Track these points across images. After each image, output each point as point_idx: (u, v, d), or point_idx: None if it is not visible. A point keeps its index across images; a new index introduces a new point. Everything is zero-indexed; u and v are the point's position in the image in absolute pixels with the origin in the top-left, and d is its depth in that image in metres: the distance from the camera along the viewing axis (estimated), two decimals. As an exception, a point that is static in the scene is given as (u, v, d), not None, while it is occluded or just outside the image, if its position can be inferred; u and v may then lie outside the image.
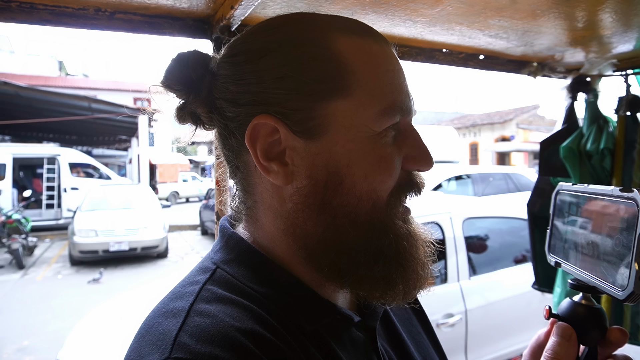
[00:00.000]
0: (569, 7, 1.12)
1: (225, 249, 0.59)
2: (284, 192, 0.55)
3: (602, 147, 1.67)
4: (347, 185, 0.52)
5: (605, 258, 0.53)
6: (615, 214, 0.52)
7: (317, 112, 0.52)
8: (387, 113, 0.53)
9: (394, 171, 0.55)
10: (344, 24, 0.56)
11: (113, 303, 3.86)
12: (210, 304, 0.49)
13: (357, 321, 0.58)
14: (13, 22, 0.96)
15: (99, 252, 9.01)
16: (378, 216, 0.54)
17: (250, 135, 0.54)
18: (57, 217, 13.69)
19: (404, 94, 0.56)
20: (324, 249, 0.53)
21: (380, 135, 0.53)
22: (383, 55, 0.56)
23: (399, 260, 0.54)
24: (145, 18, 1.06)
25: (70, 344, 3.10)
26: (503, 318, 3.43)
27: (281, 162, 0.54)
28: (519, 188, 9.15)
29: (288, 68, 0.53)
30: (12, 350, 5.00)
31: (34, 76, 22.80)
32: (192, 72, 0.57)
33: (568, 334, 0.55)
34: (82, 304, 6.10)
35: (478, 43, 1.42)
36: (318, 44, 0.54)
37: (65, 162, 13.99)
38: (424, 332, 0.74)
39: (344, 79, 0.52)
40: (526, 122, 28.02)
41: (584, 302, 0.57)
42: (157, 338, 0.46)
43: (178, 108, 0.60)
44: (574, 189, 0.60)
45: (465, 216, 3.54)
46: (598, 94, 1.76)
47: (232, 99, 0.55)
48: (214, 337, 0.44)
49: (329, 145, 0.53)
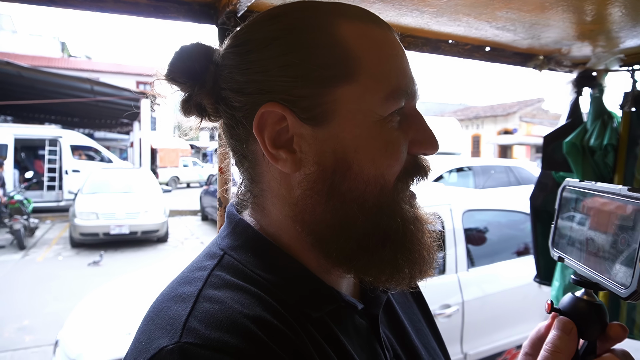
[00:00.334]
0: (578, 0, 1.11)
1: (232, 235, 0.59)
2: (292, 179, 0.55)
3: (605, 143, 1.67)
4: (355, 170, 0.53)
5: (609, 256, 0.53)
6: (622, 213, 0.52)
7: (323, 98, 0.53)
8: (393, 97, 0.54)
9: (400, 155, 0.55)
10: (347, 10, 0.56)
11: (113, 285, 3.90)
12: (219, 290, 0.50)
13: (360, 308, 0.59)
14: (20, 2, 0.96)
15: (99, 234, 9.06)
16: (386, 200, 0.54)
17: (258, 123, 0.54)
18: (58, 199, 13.73)
19: (408, 78, 0.56)
20: (332, 234, 0.54)
21: (387, 119, 0.54)
22: (386, 41, 0.56)
23: (405, 244, 0.55)
24: (151, 2, 1.05)
25: (70, 324, 3.14)
26: (499, 310, 3.46)
27: (289, 149, 0.54)
28: (520, 181, 9.14)
29: (293, 55, 0.53)
30: (13, 330, 5.06)
31: (37, 57, 22.69)
32: (196, 64, 0.57)
33: (569, 328, 0.56)
34: (82, 286, 6.15)
35: (485, 35, 1.41)
36: (322, 31, 0.54)
37: (67, 144, 13.99)
38: (424, 320, 0.75)
39: (349, 65, 0.53)
40: (529, 116, 27.89)
41: (586, 298, 0.58)
42: (166, 322, 0.46)
43: (183, 101, 0.60)
44: (581, 185, 0.61)
45: (465, 208, 3.54)
46: (604, 89, 1.75)
47: (238, 88, 0.56)
48: (222, 323, 0.45)
49: (337, 131, 0.53)
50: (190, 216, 13.66)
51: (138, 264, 7.60)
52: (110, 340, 2.79)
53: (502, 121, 28.20)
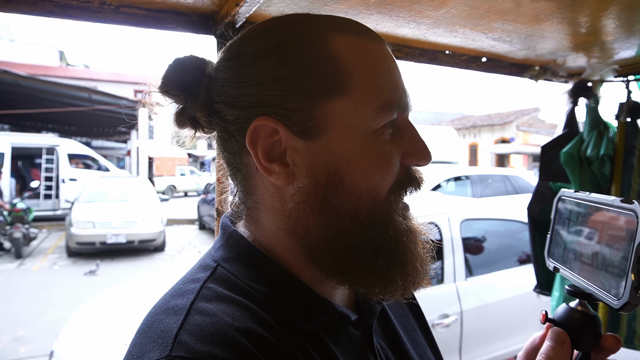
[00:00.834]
0: (573, 13, 1.13)
1: (226, 247, 0.59)
2: (285, 192, 0.56)
3: (602, 153, 1.68)
4: (347, 183, 0.53)
5: (603, 266, 0.53)
6: (615, 224, 0.52)
7: (315, 112, 0.53)
8: (385, 110, 0.54)
9: (392, 168, 0.55)
10: (339, 24, 0.57)
11: (109, 295, 3.87)
12: (211, 302, 0.50)
13: (354, 319, 0.59)
14: (18, 13, 0.96)
15: (96, 244, 9.00)
16: (378, 213, 0.55)
17: (250, 137, 0.54)
18: (54, 208, 13.67)
19: (400, 90, 0.57)
20: (325, 246, 0.54)
21: (379, 132, 0.54)
22: (378, 53, 0.57)
23: (398, 257, 0.55)
24: (150, 12, 1.06)
25: (66, 335, 3.11)
26: (498, 320, 3.45)
27: (282, 162, 0.55)
28: (518, 190, 9.17)
29: (285, 69, 0.53)
30: (7, 340, 5.00)
31: (35, 65, 22.72)
32: (190, 77, 0.58)
33: (562, 339, 0.56)
34: (78, 296, 6.10)
35: (481, 46, 1.43)
36: (314, 44, 0.54)
37: (64, 153, 13.95)
38: (419, 330, 0.75)
39: (341, 78, 0.53)
40: (526, 125, 28.04)
41: (580, 309, 0.58)
42: (158, 335, 0.47)
43: (177, 113, 0.61)
44: (576, 196, 0.61)
45: (463, 217, 3.55)
46: (599, 99, 1.76)
47: (231, 102, 0.56)
48: (213, 337, 0.45)
49: (329, 145, 0.53)
50: (187, 225, 13.61)
51: (135, 273, 7.55)
52: (106, 350, 2.77)
53: (499, 130, 28.34)
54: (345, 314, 0.58)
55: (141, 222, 9.42)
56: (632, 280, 0.47)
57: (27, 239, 9.47)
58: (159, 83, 0.59)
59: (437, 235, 3.35)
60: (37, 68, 21.93)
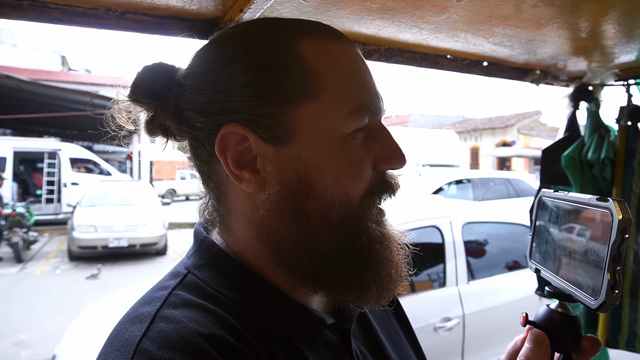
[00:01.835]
0: (573, 18, 1.14)
1: (197, 254, 0.59)
2: (256, 199, 0.55)
3: (602, 157, 1.68)
4: (318, 189, 0.52)
5: (580, 266, 0.53)
6: (592, 223, 0.51)
7: (284, 117, 0.52)
8: (355, 114, 0.53)
9: (364, 173, 0.54)
10: (306, 27, 0.56)
11: (111, 299, 3.87)
12: (177, 309, 0.49)
13: (330, 323, 0.58)
14: (25, 20, 0.97)
15: (98, 247, 9.01)
16: (351, 219, 0.54)
17: (220, 144, 0.53)
18: (56, 212, 13.70)
19: (372, 94, 0.56)
20: (296, 253, 0.53)
21: (350, 137, 0.53)
22: (348, 57, 0.56)
23: (371, 263, 0.55)
24: (154, 19, 1.07)
25: (68, 339, 3.11)
26: (500, 323, 3.45)
27: (253, 169, 0.54)
28: (520, 194, 9.17)
29: (252, 75, 0.52)
30: (9, 344, 5.01)
31: (37, 70, 22.79)
32: (159, 84, 0.57)
33: (541, 340, 0.56)
34: (80, 300, 6.10)
35: (482, 50, 1.44)
36: (281, 49, 0.53)
37: (66, 157, 14.00)
38: (403, 334, 0.74)
39: (310, 83, 0.52)
40: (527, 128, 28.04)
41: (560, 310, 0.58)
42: (121, 344, 0.47)
43: (147, 121, 0.60)
44: (555, 196, 0.60)
45: (465, 221, 3.55)
46: (600, 103, 1.77)
47: (199, 109, 0.55)
48: (175, 343, 0.44)
49: (299, 150, 0.52)
50: (189, 229, 13.61)
51: (136, 277, 7.55)
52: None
53: (500, 133, 28.35)
54: (321, 318, 0.57)
55: (143, 226, 9.44)
56: (608, 279, 0.47)
57: (26, 243, 9.47)
58: (129, 91, 0.58)
59: (439, 239, 3.35)
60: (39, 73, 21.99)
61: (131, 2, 1.01)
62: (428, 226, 3.39)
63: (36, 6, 0.97)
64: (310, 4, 1.03)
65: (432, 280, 3.33)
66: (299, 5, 1.03)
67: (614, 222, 0.47)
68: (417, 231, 3.40)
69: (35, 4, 0.97)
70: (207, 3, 1.02)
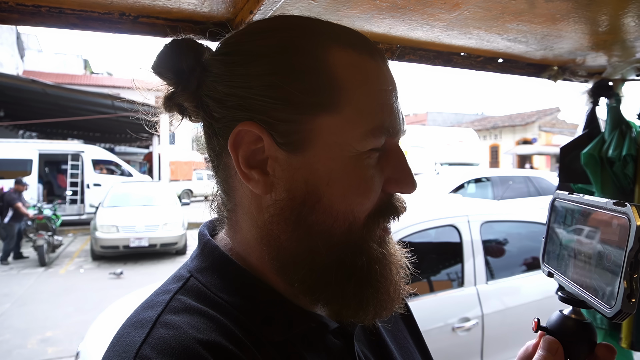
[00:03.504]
0: (590, 12, 1.11)
1: (200, 257, 0.59)
2: (262, 201, 0.54)
3: (624, 154, 1.64)
4: (324, 203, 0.52)
5: (596, 272, 0.51)
6: (608, 228, 0.49)
7: (302, 125, 0.51)
8: (374, 134, 0.52)
9: (372, 194, 0.54)
10: (342, 36, 0.55)
11: (132, 297, 3.95)
12: (177, 314, 0.49)
13: (333, 328, 0.57)
14: (43, 26, 1.00)
15: (119, 247, 9.20)
16: (353, 237, 0.53)
17: (233, 140, 0.53)
18: (80, 213, 14.03)
19: (393, 115, 0.54)
20: (295, 263, 0.53)
21: (364, 155, 0.53)
22: (377, 74, 0.54)
23: (370, 282, 0.54)
24: (167, 22, 1.09)
25: (91, 336, 3.19)
26: (521, 324, 3.39)
27: (262, 171, 0.53)
28: (540, 192, 8.99)
29: (277, 77, 0.52)
30: (36, 341, 5.15)
31: (61, 74, 23.40)
32: (184, 63, 0.56)
33: (554, 348, 0.54)
34: (103, 298, 6.24)
35: (497, 47, 1.41)
36: (311, 55, 0.52)
37: (89, 159, 14.34)
38: (410, 338, 0.73)
39: (333, 95, 0.51)
40: (549, 125, 27.49)
41: (573, 316, 0.56)
42: (122, 349, 0.47)
43: (166, 97, 0.60)
44: (570, 198, 0.58)
45: (483, 220, 3.50)
46: (620, 98, 1.72)
47: (219, 99, 0.54)
48: (174, 350, 0.44)
49: (311, 161, 0.52)
50: (208, 229, 13.75)
51: (157, 276, 7.68)
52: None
53: (520, 131, 27.86)
54: (324, 322, 0.57)
55: (163, 226, 9.60)
56: (624, 287, 0.45)
57: (51, 246, 9.45)
58: (152, 62, 0.57)
59: (457, 238, 3.32)
60: (63, 77, 22.58)
61: (144, 7, 1.03)
62: (446, 225, 3.35)
63: (53, 12, 1.00)
64: (320, 4, 1.03)
65: (450, 279, 3.29)
66: (308, 5, 1.03)
67: (631, 228, 0.45)
68: (435, 230, 3.38)
69: (53, 10, 1.00)
70: (218, 5, 1.04)
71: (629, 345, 1.69)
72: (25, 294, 6.96)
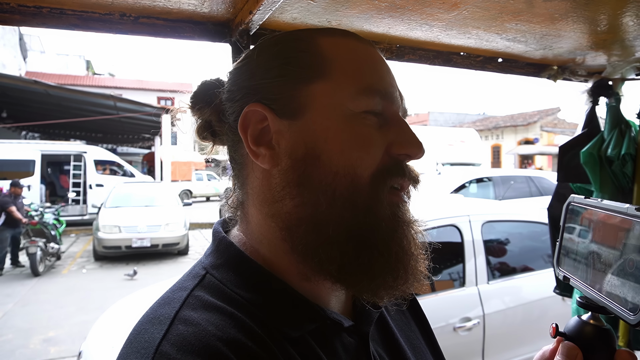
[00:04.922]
0: (588, 11, 1.11)
1: (215, 254, 0.60)
2: (271, 177, 0.57)
3: (623, 153, 1.64)
4: (323, 160, 0.54)
5: (616, 278, 0.50)
6: (630, 234, 0.48)
7: (298, 93, 0.56)
8: (364, 93, 0.56)
9: (371, 148, 0.55)
10: (332, 30, 0.62)
11: (134, 298, 3.96)
12: (196, 311, 0.50)
13: (348, 326, 0.58)
14: (44, 27, 1.01)
15: (122, 247, 9.22)
16: (359, 196, 0.54)
17: (242, 122, 0.58)
18: (82, 213, 14.06)
19: (384, 81, 0.58)
20: (304, 229, 0.54)
21: (359, 116, 0.56)
22: (364, 50, 0.60)
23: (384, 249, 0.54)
24: (167, 22, 1.10)
25: (93, 336, 3.20)
26: (522, 324, 3.39)
27: (268, 146, 0.57)
28: (542, 192, 8.97)
29: (276, 61, 0.58)
30: (38, 341, 5.17)
31: (63, 75, 23.47)
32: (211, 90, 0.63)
33: (573, 354, 0.53)
34: (105, 298, 6.26)
35: (496, 46, 1.42)
36: (303, 40, 0.60)
37: (91, 160, 14.37)
38: (422, 337, 0.73)
39: (324, 65, 0.57)
40: (551, 125, 27.43)
41: (592, 322, 0.54)
42: (141, 346, 0.47)
43: (199, 127, 0.66)
44: (587, 202, 0.57)
45: (485, 220, 3.50)
46: (620, 98, 1.73)
47: (230, 97, 0.61)
48: (194, 347, 0.45)
49: (309, 124, 0.56)
50: (210, 229, 13.76)
51: (159, 276, 7.70)
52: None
53: (522, 131, 27.80)
54: (338, 320, 0.57)
55: (165, 226, 9.61)
56: None
57: (47, 255, 8.56)
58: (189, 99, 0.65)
59: (458, 238, 3.32)
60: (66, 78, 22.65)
61: (145, 7, 1.04)
62: (447, 225, 3.35)
63: (55, 13, 1.01)
64: (319, 4, 1.04)
65: (452, 279, 3.29)
66: (307, 5, 1.04)
67: None
68: (436, 230, 3.37)
69: (54, 11, 1.01)
70: (218, 6, 1.05)
71: (626, 344, 1.69)
72: (27, 294, 6.99)
